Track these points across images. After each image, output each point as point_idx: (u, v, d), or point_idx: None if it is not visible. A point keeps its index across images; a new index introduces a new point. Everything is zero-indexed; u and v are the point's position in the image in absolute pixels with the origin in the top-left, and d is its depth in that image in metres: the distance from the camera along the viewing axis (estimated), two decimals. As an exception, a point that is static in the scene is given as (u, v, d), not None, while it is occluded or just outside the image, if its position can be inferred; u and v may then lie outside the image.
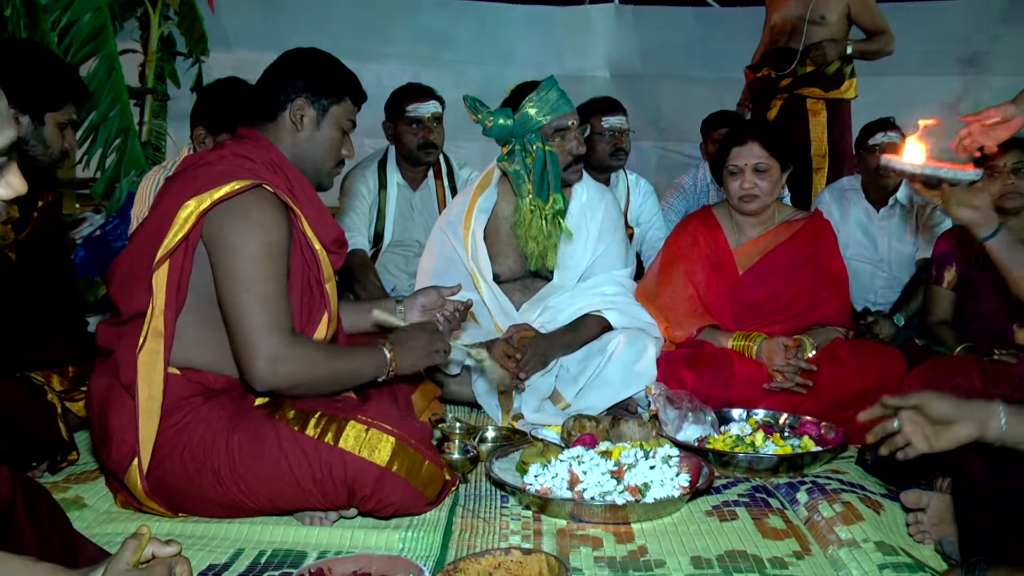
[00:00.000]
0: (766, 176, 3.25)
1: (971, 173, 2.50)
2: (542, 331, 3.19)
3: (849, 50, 4.86)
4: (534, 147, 3.15)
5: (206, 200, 2.11)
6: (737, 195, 3.28)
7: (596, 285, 3.32)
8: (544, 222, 3.21)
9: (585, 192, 3.38)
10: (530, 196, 3.21)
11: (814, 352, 3.10)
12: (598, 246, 3.34)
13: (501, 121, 3.19)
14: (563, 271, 3.33)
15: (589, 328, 3.23)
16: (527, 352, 3.07)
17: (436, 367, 2.61)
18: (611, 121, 4.34)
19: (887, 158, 2.63)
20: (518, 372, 3.04)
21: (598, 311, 3.25)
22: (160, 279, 2.11)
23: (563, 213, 3.23)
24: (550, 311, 3.27)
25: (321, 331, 2.31)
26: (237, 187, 2.12)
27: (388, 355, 2.32)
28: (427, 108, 4.18)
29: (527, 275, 3.35)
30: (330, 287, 2.33)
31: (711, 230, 3.42)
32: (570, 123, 3.17)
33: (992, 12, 7.04)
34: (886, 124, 4.44)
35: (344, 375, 2.27)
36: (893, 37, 4.90)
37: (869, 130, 4.47)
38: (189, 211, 2.11)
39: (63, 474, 2.56)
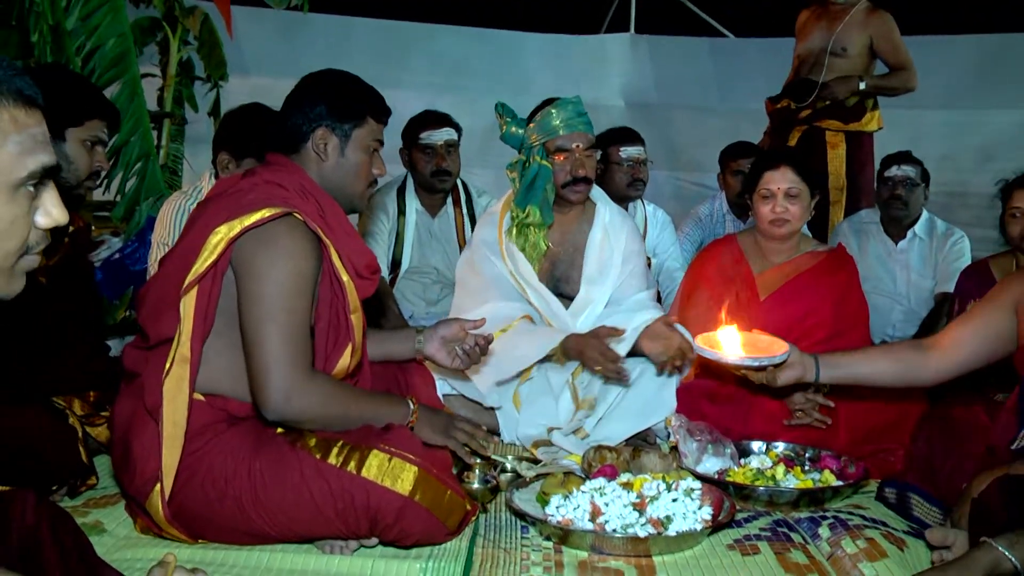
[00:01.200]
0: (797, 201, 3.25)
1: (781, 356, 2.61)
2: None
3: (862, 86, 4.86)
4: (532, 159, 3.19)
5: (236, 227, 2.11)
6: (768, 219, 3.28)
7: (635, 308, 3.29)
8: (515, 229, 3.24)
9: (608, 214, 3.39)
10: (513, 205, 3.25)
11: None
12: (624, 267, 3.34)
13: (513, 129, 3.26)
14: (589, 286, 3.31)
15: None
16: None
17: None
18: (629, 151, 4.35)
19: (701, 348, 2.69)
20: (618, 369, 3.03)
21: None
22: (188, 305, 2.11)
23: (541, 227, 3.24)
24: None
25: (344, 361, 2.30)
26: (268, 215, 2.12)
27: (412, 410, 2.33)
28: (440, 136, 4.19)
29: (552, 293, 3.34)
30: (356, 318, 2.31)
31: (734, 255, 3.41)
32: (574, 145, 3.18)
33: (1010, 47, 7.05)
34: (903, 158, 4.45)
35: (358, 418, 2.24)
36: (915, 73, 4.88)
37: (886, 163, 4.48)
38: (219, 238, 2.11)
39: (82, 499, 2.55)
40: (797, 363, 2.59)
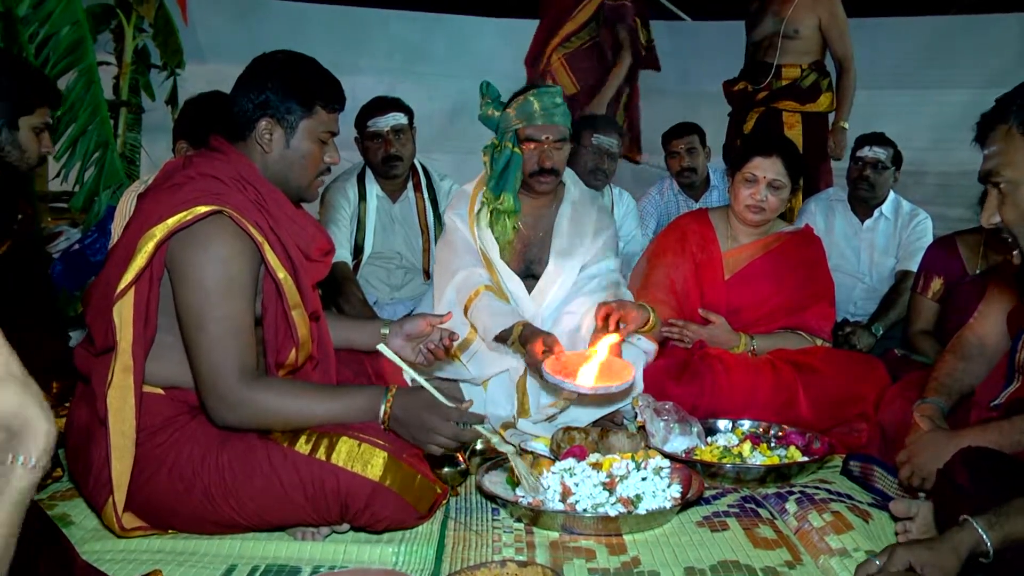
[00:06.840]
0: (778, 193, 3.28)
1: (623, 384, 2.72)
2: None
3: (846, 126, 5.00)
4: (505, 145, 3.18)
5: (163, 230, 2.04)
6: (745, 203, 3.30)
7: (602, 287, 3.25)
8: (489, 215, 3.23)
9: (576, 191, 3.38)
10: (485, 188, 3.24)
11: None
12: (596, 240, 3.33)
13: (491, 111, 3.23)
14: (559, 259, 3.28)
15: None
16: None
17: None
18: (600, 139, 4.34)
19: (549, 374, 2.70)
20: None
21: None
22: (125, 313, 2.05)
23: (512, 214, 3.22)
24: (569, 316, 3.19)
25: (291, 359, 2.25)
26: (200, 212, 2.04)
27: (384, 408, 2.18)
28: (386, 122, 4.12)
29: (520, 274, 3.31)
30: (297, 314, 2.22)
31: (703, 230, 3.44)
32: (544, 137, 3.15)
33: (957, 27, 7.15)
34: (876, 139, 4.48)
35: (317, 417, 2.15)
36: (853, 63, 5.03)
37: (860, 143, 4.52)
38: (151, 241, 2.04)
39: (47, 492, 2.52)
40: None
